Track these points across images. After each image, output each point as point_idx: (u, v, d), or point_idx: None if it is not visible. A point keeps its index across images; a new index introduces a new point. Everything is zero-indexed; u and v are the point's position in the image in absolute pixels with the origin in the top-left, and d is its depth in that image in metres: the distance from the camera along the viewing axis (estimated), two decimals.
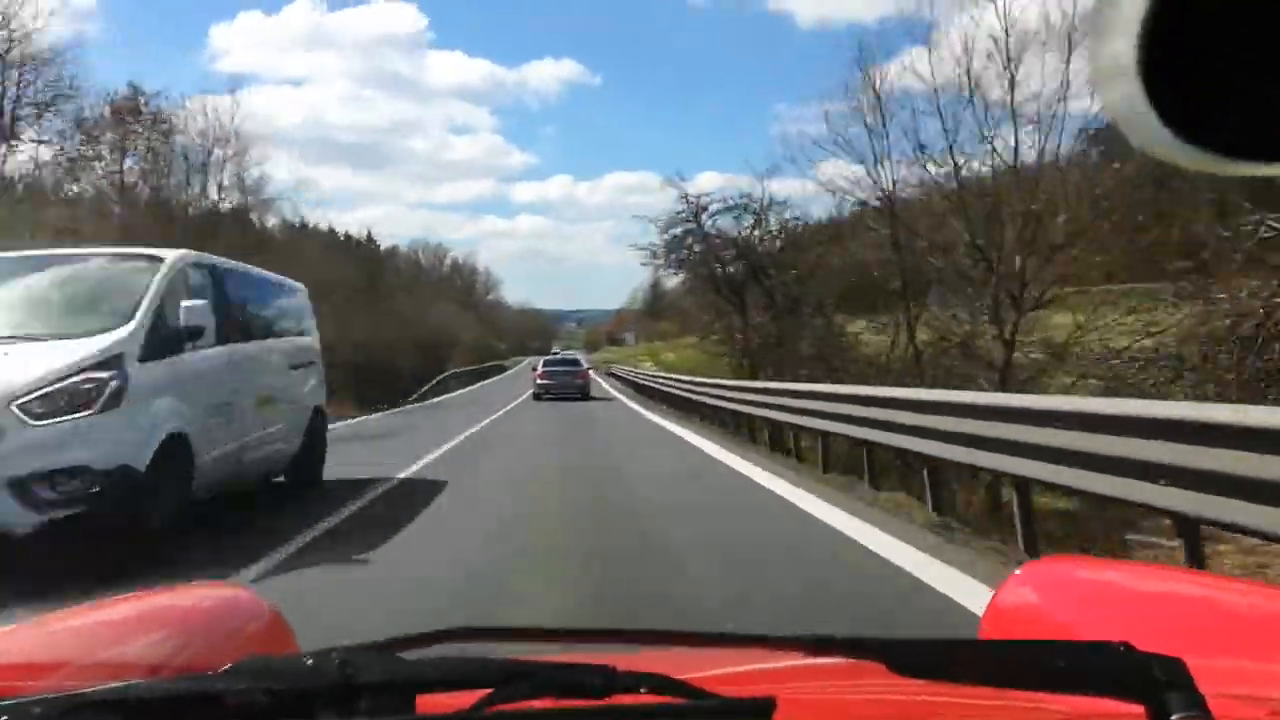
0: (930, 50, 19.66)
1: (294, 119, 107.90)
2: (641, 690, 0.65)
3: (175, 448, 5.34)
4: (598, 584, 4.69)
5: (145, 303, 5.51)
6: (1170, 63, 0.47)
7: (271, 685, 0.63)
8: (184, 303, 5.71)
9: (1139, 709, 0.65)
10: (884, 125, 20.19)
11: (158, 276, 5.75)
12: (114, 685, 0.65)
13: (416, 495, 7.69)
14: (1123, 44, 0.47)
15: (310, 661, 0.65)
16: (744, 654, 1.02)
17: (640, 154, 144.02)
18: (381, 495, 7.80)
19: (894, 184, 20.22)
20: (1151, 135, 0.49)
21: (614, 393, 33.34)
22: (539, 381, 26.56)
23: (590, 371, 32.88)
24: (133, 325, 5.35)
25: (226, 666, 0.66)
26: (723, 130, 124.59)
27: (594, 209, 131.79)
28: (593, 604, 4.27)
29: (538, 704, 0.65)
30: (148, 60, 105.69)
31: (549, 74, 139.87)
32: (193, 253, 6.64)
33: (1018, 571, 1.27)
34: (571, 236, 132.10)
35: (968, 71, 18.04)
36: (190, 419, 5.55)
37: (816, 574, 4.92)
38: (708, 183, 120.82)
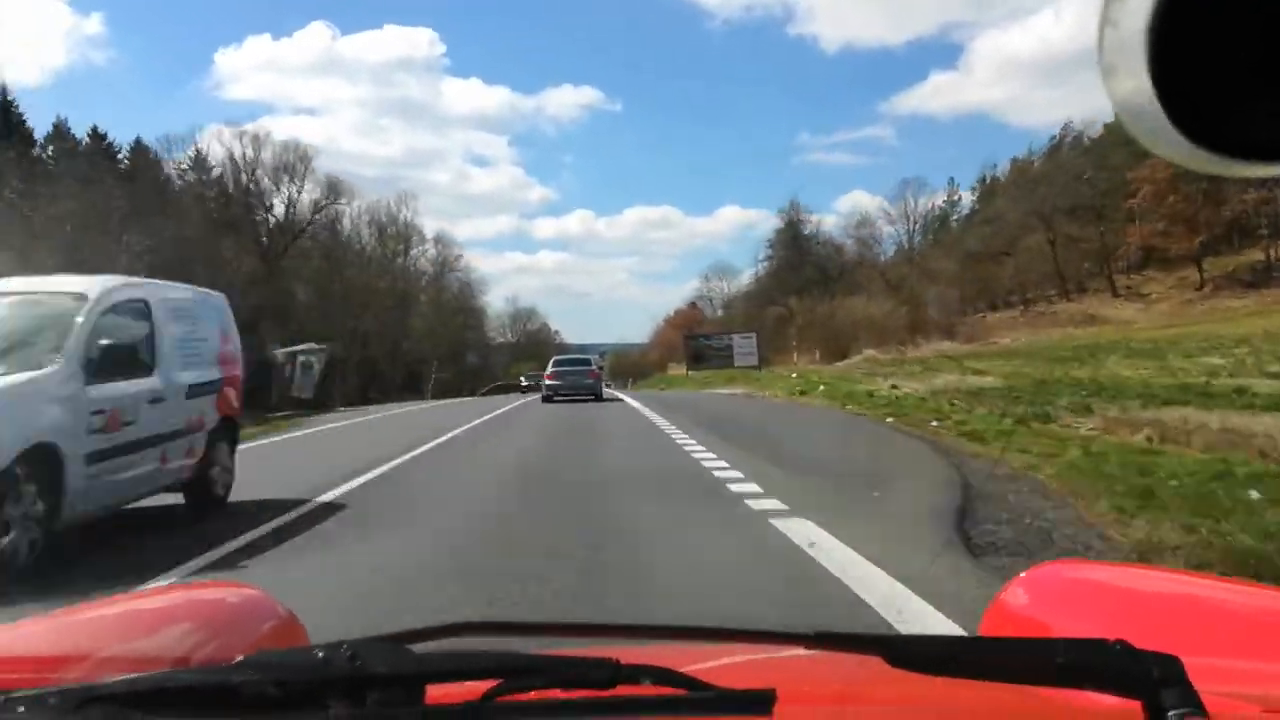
0: None
1: (312, 152, 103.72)
2: (644, 682, 0.66)
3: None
4: None
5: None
6: (1179, 61, 0.46)
7: (283, 677, 0.64)
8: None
9: (1135, 705, 0.66)
10: None
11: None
12: (128, 677, 0.66)
13: None
14: (1132, 42, 0.47)
15: (321, 654, 0.65)
16: (746, 648, 1.03)
17: (660, 187, 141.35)
18: None
19: None
20: (1159, 134, 0.48)
21: None
22: (548, 382, 25.72)
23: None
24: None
25: (239, 659, 0.66)
26: (744, 161, 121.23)
27: (615, 244, 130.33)
28: None
29: (544, 695, 0.66)
30: (155, 90, 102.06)
31: (569, 100, 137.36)
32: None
33: (1022, 574, 1.26)
34: (593, 272, 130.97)
35: None
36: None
37: None
38: (729, 217, 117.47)
